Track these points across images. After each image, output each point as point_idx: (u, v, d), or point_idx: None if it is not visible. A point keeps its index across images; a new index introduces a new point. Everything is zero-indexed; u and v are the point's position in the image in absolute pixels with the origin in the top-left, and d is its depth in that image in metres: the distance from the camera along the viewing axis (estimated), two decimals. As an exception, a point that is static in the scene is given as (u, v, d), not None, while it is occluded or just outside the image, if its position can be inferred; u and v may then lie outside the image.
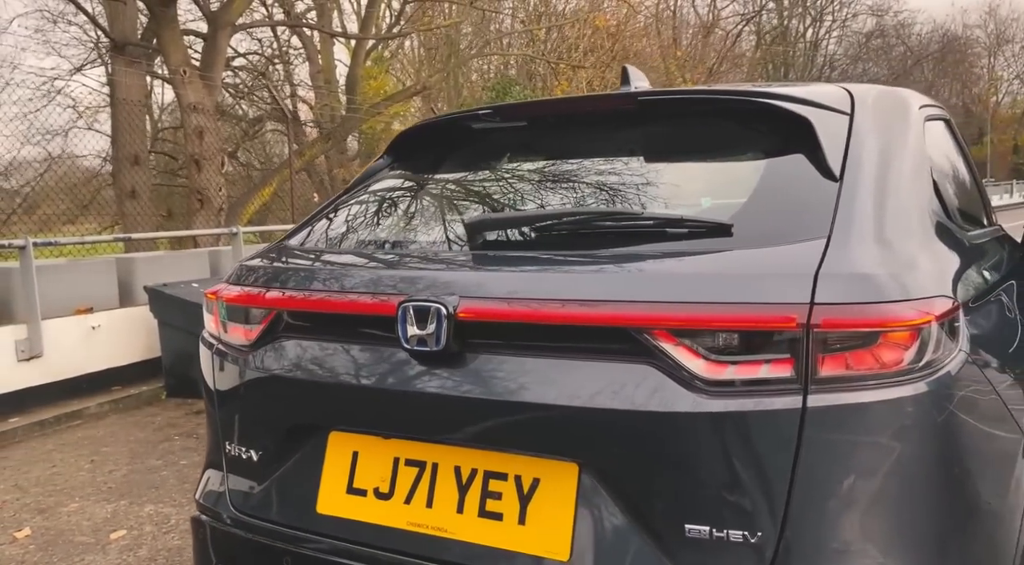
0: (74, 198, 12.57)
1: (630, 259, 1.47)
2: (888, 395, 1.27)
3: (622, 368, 1.39)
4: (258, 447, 1.80)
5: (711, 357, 1.33)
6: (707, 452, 1.32)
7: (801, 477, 1.27)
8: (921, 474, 1.31)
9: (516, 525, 1.48)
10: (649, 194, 1.75)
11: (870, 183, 1.53)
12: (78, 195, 13.01)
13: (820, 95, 1.76)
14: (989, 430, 1.46)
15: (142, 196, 11.81)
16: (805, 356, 1.27)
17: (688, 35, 28.29)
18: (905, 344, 1.28)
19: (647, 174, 1.81)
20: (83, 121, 14.88)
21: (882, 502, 1.29)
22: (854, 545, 1.28)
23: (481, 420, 1.51)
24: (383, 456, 1.64)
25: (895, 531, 1.30)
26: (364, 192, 2.08)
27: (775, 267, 1.35)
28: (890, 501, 1.29)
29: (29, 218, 10.85)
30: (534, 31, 20.45)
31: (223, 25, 11.07)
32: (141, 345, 6.04)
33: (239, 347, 1.84)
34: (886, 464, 1.28)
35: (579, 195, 1.81)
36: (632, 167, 1.85)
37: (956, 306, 1.38)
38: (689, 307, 1.33)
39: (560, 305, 1.42)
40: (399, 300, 1.55)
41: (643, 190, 1.76)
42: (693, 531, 1.33)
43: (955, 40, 46.64)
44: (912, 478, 1.30)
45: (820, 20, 36.38)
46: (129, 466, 4.32)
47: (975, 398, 1.41)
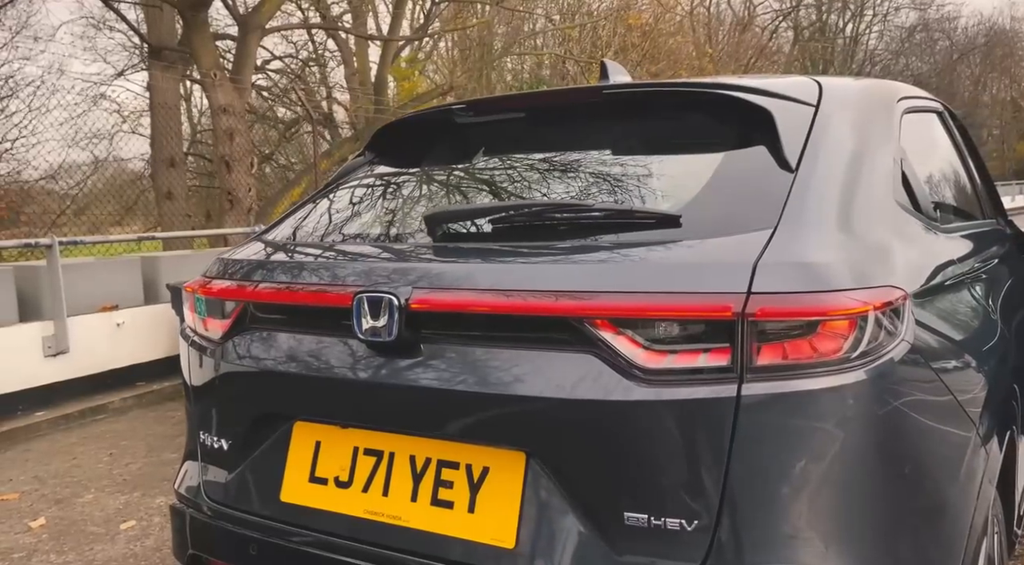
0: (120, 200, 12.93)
1: (577, 251, 1.48)
2: (825, 384, 1.25)
3: (565, 357, 1.39)
4: (228, 437, 1.84)
5: (650, 346, 1.33)
6: (645, 440, 1.32)
7: (736, 466, 1.26)
8: (861, 463, 1.29)
9: (466, 513, 1.49)
10: (611, 186, 1.74)
11: (826, 174, 1.51)
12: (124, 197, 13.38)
13: (784, 87, 1.74)
14: (936, 421, 1.43)
15: (178, 197, 12.08)
16: (740, 345, 1.26)
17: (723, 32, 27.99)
18: (843, 333, 1.26)
19: (610, 167, 1.81)
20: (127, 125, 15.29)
21: (821, 491, 1.27)
22: (792, 533, 1.27)
23: (433, 410, 1.52)
24: (343, 446, 1.67)
25: (835, 520, 1.28)
26: (339, 188, 2.11)
27: (716, 257, 1.34)
28: (829, 490, 1.28)
29: (77, 219, 11.20)
30: (567, 30, 20.43)
31: (253, 28, 11.25)
32: (164, 342, 6.17)
33: (212, 339, 1.88)
34: (824, 453, 1.27)
35: (544, 187, 1.82)
36: (597, 160, 1.85)
37: (902, 295, 1.36)
38: (628, 297, 1.33)
39: (505, 296, 1.43)
40: (354, 292, 1.57)
41: (605, 182, 1.76)
42: (632, 519, 1.33)
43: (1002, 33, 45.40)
44: (852, 467, 1.28)
45: (860, 14, 35.67)
46: (145, 459, 4.43)
47: (921, 389, 1.38)
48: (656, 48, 20.13)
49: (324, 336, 1.67)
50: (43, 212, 11.83)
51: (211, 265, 2.01)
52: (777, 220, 1.39)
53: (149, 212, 14.55)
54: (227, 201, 10.46)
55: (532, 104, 2.04)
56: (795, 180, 1.48)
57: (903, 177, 1.74)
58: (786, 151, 1.55)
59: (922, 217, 1.75)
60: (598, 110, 1.91)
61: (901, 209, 1.65)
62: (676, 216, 1.46)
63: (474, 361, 1.49)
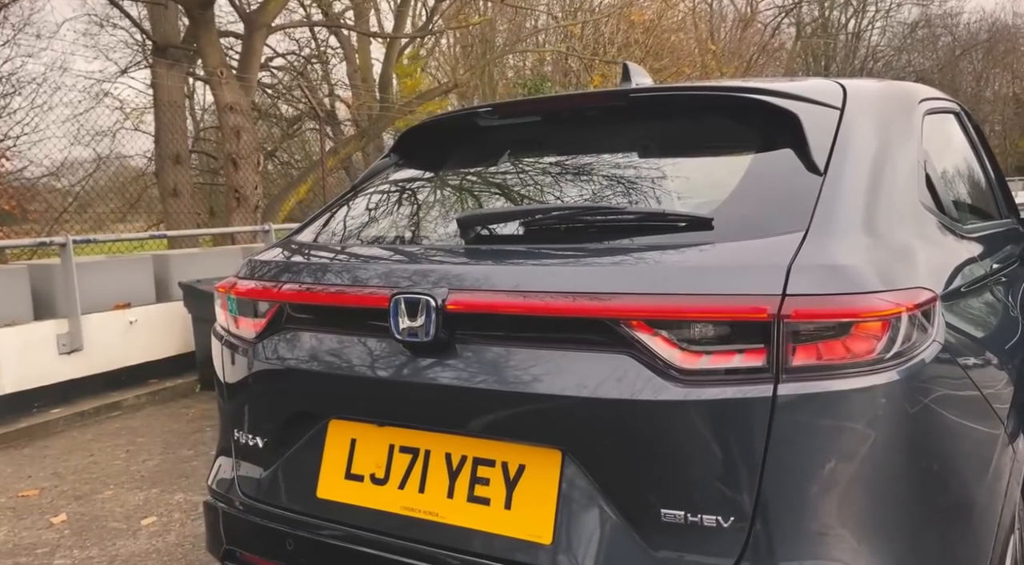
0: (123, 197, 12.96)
1: (612, 252, 1.51)
2: (859, 384, 1.29)
3: (601, 358, 1.43)
4: (264, 435, 1.87)
5: (686, 347, 1.36)
6: (681, 439, 1.35)
7: (772, 464, 1.30)
8: (893, 462, 1.32)
9: (502, 510, 1.53)
10: (639, 188, 1.78)
11: (854, 176, 1.54)
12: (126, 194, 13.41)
13: (810, 90, 1.77)
14: (966, 420, 1.46)
15: (184, 194, 12.13)
16: (776, 346, 1.30)
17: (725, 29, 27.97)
18: (876, 334, 1.30)
19: (638, 169, 1.84)
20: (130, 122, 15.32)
21: (854, 488, 1.31)
22: (826, 530, 1.30)
23: (469, 408, 1.56)
24: (379, 443, 1.70)
25: (867, 517, 1.31)
26: (368, 189, 2.15)
27: (750, 259, 1.38)
28: (862, 487, 1.31)
29: (80, 216, 11.24)
30: (569, 27, 20.44)
31: (258, 26, 11.26)
32: (176, 340, 6.21)
33: (246, 339, 1.91)
34: (857, 451, 1.30)
35: (572, 190, 1.85)
36: (624, 162, 1.89)
37: (933, 297, 1.39)
38: (665, 299, 1.37)
39: (542, 297, 1.46)
40: (391, 293, 1.61)
41: (633, 185, 1.79)
42: (668, 516, 1.36)
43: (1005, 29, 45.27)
44: (884, 465, 1.32)
45: (863, 11, 35.61)
46: (162, 456, 4.47)
47: (951, 388, 1.42)
48: (659, 45, 20.12)
49: (360, 336, 1.71)
50: (47, 209, 11.86)
51: (243, 265, 2.05)
52: (808, 223, 1.42)
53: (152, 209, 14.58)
54: (234, 199, 10.48)
55: (558, 107, 2.08)
56: (824, 183, 1.51)
57: (927, 179, 1.77)
58: (814, 154, 1.58)
59: (945, 218, 1.78)
60: (624, 113, 1.94)
61: (926, 211, 1.68)
62: (708, 219, 1.49)
63: (510, 361, 1.52)
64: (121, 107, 14.86)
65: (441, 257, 1.71)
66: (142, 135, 15.59)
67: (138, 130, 15.74)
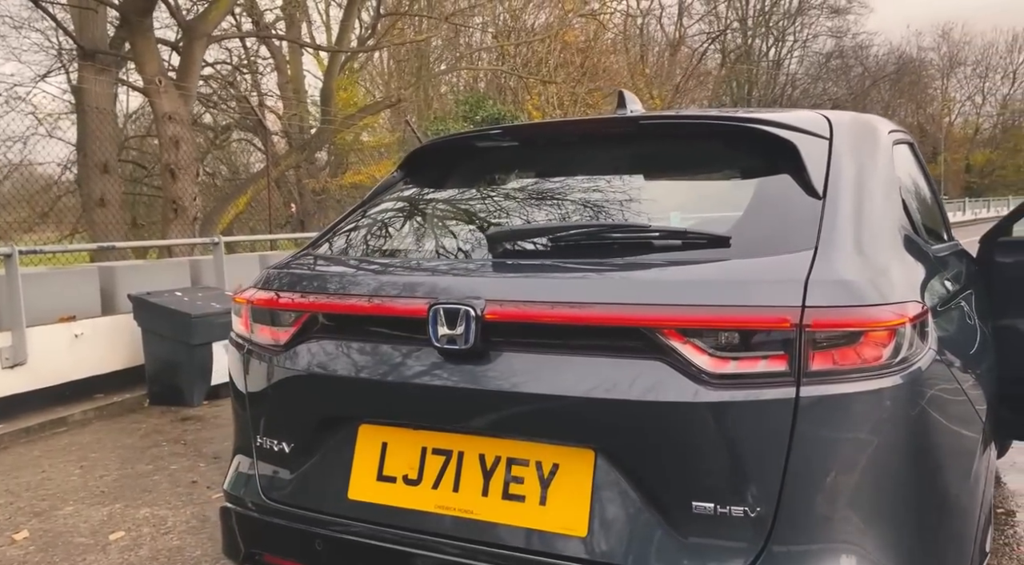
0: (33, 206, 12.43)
1: (641, 267, 1.65)
2: (869, 387, 1.46)
3: (636, 364, 1.56)
4: (289, 439, 1.93)
5: (715, 353, 1.51)
6: (712, 437, 1.49)
7: (794, 458, 1.45)
8: (894, 458, 1.49)
9: (538, 506, 1.64)
10: (648, 209, 1.93)
11: (849, 201, 1.73)
12: (36, 203, 12.87)
13: (802, 121, 1.95)
14: (955, 420, 1.65)
15: (112, 204, 11.75)
16: (798, 352, 1.45)
17: (655, 52, 28.82)
18: (883, 342, 1.47)
19: (645, 190, 1.99)
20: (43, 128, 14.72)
21: (863, 481, 1.47)
22: (841, 517, 1.46)
23: (505, 411, 1.67)
24: (411, 446, 1.79)
25: (875, 505, 1.48)
26: (384, 204, 2.24)
27: (771, 274, 1.53)
28: (870, 480, 1.48)
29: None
30: (503, 46, 20.75)
31: (199, 35, 11.10)
32: (123, 353, 6.08)
33: (272, 347, 1.97)
34: (866, 447, 1.47)
35: (585, 209, 1.99)
36: (633, 184, 2.04)
37: (925, 310, 1.58)
38: (696, 309, 1.51)
39: (580, 307, 1.59)
40: (429, 303, 1.71)
41: (642, 205, 1.94)
42: (699, 507, 1.50)
43: (910, 62, 48.05)
44: (887, 461, 1.49)
45: (782, 40, 37.41)
46: (119, 471, 4.38)
47: (942, 392, 1.60)
48: (594, 66, 20.61)
49: (394, 344, 1.80)
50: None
51: (261, 277, 2.10)
52: (816, 242, 1.59)
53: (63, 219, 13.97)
54: (171, 210, 10.27)
55: (567, 131, 2.21)
56: (824, 206, 1.69)
57: (903, 203, 1.98)
58: (812, 180, 1.75)
59: (919, 239, 1.99)
60: (632, 138, 2.09)
61: (908, 232, 1.88)
62: (726, 237, 1.65)
63: (544, 366, 1.64)
64: (34, 112, 14.28)
65: (475, 269, 1.82)
66: (55, 142, 15.01)
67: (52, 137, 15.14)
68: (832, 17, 37.45)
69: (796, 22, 37.46)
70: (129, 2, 10.09)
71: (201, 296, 6.14)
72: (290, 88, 20.23)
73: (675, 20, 30.18)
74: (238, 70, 20.17)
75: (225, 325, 5.93)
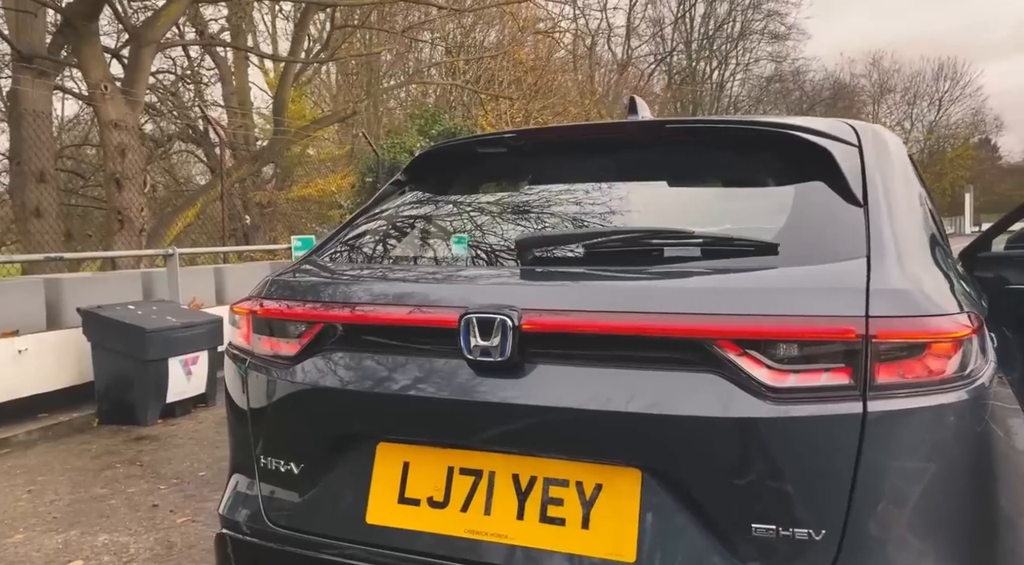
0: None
1: (689, 274, 1.57)
2: (936, 401, 1.39)
3: (688, 377, 1.47)
4: (298, 459, 1.79)
5: (774, 366, 1.43)
6: (773, 454, 1.41)
7: (862, 476, 1.37)
8: (965, 476, 1.42)
9: (580, 529, 1.53)
10: (679, 214, 1.86)
11: (890, 208, 1.67)
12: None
13: (831, 127, 1.90)
14: (1015, 439, 1.60)
15: (48, 215, 11.23)
16: (864, 365, 1.38)
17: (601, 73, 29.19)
18: (948, 354, 1.41)
19: (674, 196, 1.93)
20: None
21: (930, 501, 1.40)
22: (907, 539, 1.39)
23: (543, 428, 1.56)
24: (436, 466, 1.67)
25: (942, 527, 1.41)
26: (393, 209, 2.12)
27: (829, 282, 1.47)
28: (937, 500, 1.40)
29: None
30: (454, 62, 20.72)
31: (147, 42, 10.75)
32: (70, 369, 5.75)
33: (278, 360, 1.83)
34: (933, 466, 1.40)
35: (613, 215, 1.90)
36: (659, 190, 1.97)
37: (982, 321, 1.53)
38: (753, 319, 1.43)
39: (628, 317, 1.50)
40: (460, 312, 1.60)
41: (672, 210, 1.87)
42: (760, 530, 1.41)
43: (844, 88, 49.75)
44: (954, 479, 1.42)
45: (725, 63, 38.35)
46: (72, 495, 4.11)
47: (1003, 408, 1.54)
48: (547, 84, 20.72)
49: (419, 356, 1.68)
50: None
51: (262, 286, 1.96)
52: (866, 250, 1.53)
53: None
54: (116, 221, 9.88)
55: (589, 135, 2.13)
56: (868, 213, 1.63)
57: (930, 212, 1.95)
58: (852, 186, 1.70)
59: (947, 248, 1.97)
60: (656, 144, 2.02)
61: (938, 241, 1.85)
62: (774, 244, 1.58)
63: (586, 380, 1.54)
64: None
65: (508, 277, 1.72)
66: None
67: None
68: (772, 42, 38.61)
69: (738, 46, 38.50)
70: (74, 6, 9.71)
71: (156, 310, 5.87)
72: (235, 99, 19.80)
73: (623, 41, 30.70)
74: (182, 80, 19.66)
75: (181, 340, 5.68)
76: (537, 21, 22.19)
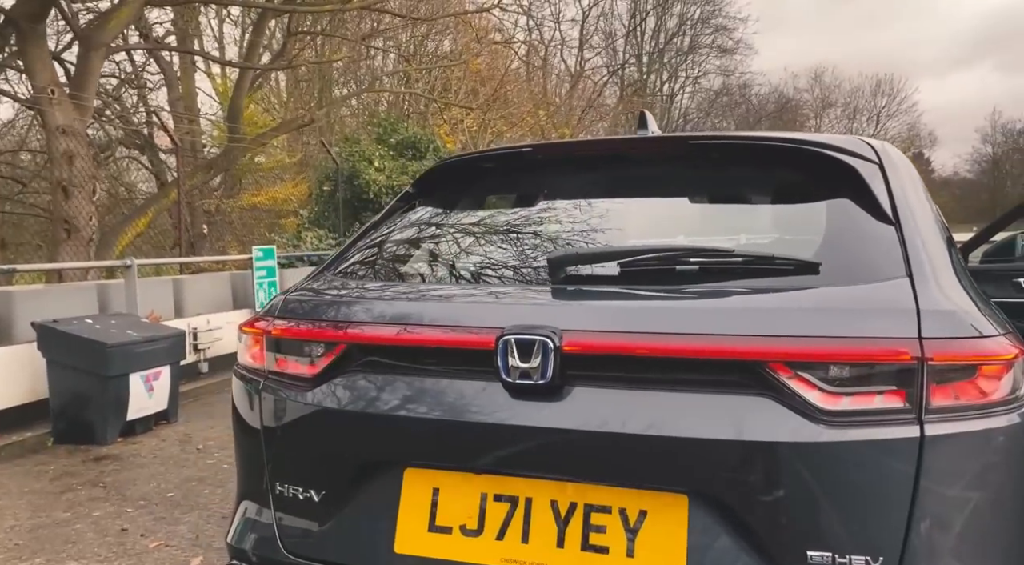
0: None
1: (734, 294, 1.54)
2: (990, 424, 1.38)
3: (737, 400, 1.44)
4: (318, 485, 1.71)
5: (827, 389, 1.40)
6: (829, 479, 1.38)
7: (920, 502, 1.35)
8: (1016, 500, 1.42)
9: (624, 558, 1.48)
10: (706, 231, 1.83)
11: (920, 227, 1.66)
12: None
13: (851, 144, 1.87)
14: None
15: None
16: (920, 387, 1.37)
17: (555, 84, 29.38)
18: (999, 376, 1.40)
19: (699, 213, 1.90)
20: None
21: (986, 526, 1.39)
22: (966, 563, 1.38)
23: (584, 453, 1.51)
24: (468, 492, 1.61)
25: (998, 553, 1.40)
26: (406, 225, 2.05)
27: (878, 303, 1.45)
28: (994, 525, 1.40)
29: None
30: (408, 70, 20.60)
31: (96, 45, 10.40)
32: (21, 387, 5.49)
33: (296, 382, 1.75)
34: (990, 490, 1.39)
35: (641, 233, 1.87)
36: (684, 206, 1.94)
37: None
38: (806, 341, 1.41)
39: (676, 339, 1.46)
40: (497, 333, 1.54)
41: (699, 227, 1.85)
42: (815, 557, 1.38)
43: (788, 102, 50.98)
44: (1009, 504, 1.41)
45: (675, 76, 39.01)
46: (32, 520, 3.90)
47: None
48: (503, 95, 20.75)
49: (450, 378, 1.62)
50: None
51: (275, 303, 1.87)
52: (907, 270, 1.52)
53: None
54: (63, 230, 9.50)
55: (606, 150, 2.09)
56: (902, 232, 1.62)
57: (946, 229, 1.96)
58: (882, 204, 1.69)
59: (965, 265, 1.98)
60: (681, 158, 1.99)
61: (960, 259, 1.86)
62: (816, 263, 1.56)
63: (630, 403, 1.50)
64: None
65: (546, 296, 1.66)
66: None
67: None
68: (721, 56, 39.38)
69: (688, 59, 39.19)
70: (20, 6, 9.34)
71: (115, 323, 5.65)
72: (181, 105, 19.34)
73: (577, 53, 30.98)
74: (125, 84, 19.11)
75: (142, 354, 5.48)
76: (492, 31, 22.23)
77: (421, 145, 14.36)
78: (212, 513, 3.93)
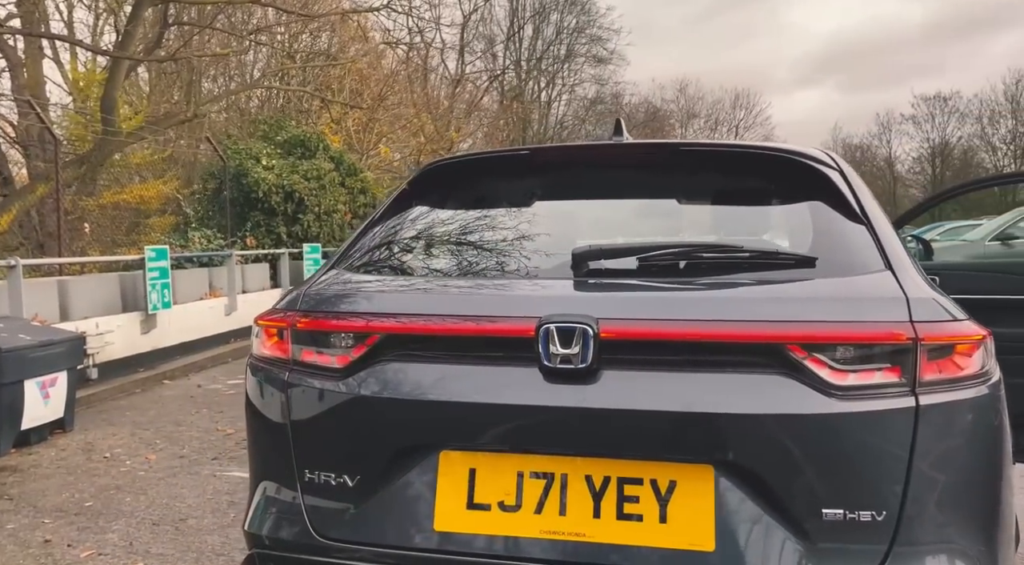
0: None
1: (750, 284, 1.71)
2: (967, 395, 1.61)
3: (758, 378, 1.62)
4: (352, 471, 1.76)
5: (835, 366, 1.60)
6: (840, 445, 1.58)
7: (916, 463, 1.57)
8: (985, 462, 1.66)
9: (657, 524, 1.63)
10: (701, 230, 2.01)
11: (883, 224, 1.90)
12: None
13: (817, 153, 2.09)
14: (1006, 433, 1.85)
15: None
16: (914, 364, 1.59)
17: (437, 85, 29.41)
18: (970, 353, 1.65)
19: (691, 214, 2.08)
20: None
21: (968, 483, 1.63)
22: (950, 517, 1.60)
23: (618, 431, 1.64)
24: (504, 471, 1.70)
25: (974, 506, 1.64)
26: (414, 220, 2.11)
27: (872, 292, 1.67)
28: (972, 483, 1.63)
29: None
30: (285, 67, 20.06)
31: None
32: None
33: (327, 372, 1.79)
34: (970, 452, 1.62)
35: (644, 230, 2.03)
36: (673, 208, 2.11)
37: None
38: (818, 325, 1.60)
39: (705, 325, 1.62)
40: (535, 322, 1.65)
41: (693, 227, 2.02)
42: (829, 514, 1.57)
43: (657, 111, 53.23)
44: (981, 465, 1.65)
45: (553, 83, 39.96)
46: (-60, 537, 3.62)
47: (1002, 403, 1.77)
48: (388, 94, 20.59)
49: (488, 364, 1.71)
50: None
51: (297, 297, 1.90)
52: (885, 263, 1.76)
53: None
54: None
55: (602, 155, 2.23)
56: (873, 229, 1.85)
57: None
58: (852, 205, 1.92)
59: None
60: (665, 164, 2.16)
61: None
62: (813, 258, 1.77)
63: (661, 384, 1.64)
64: None
65: (572, 287, 1.78)
66: None
67: None
68: (595, 66, 40.65)
69: (565, 67, 40.22)
70: None
71: (3, 327, 5.27)
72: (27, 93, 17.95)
73: (457, 56, 31.13)
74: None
75: (38, 360, 5.16)
76: (371, 30, 22.00)
77: (310, 143, 14.06)
78: (141, 520, 3.78)
